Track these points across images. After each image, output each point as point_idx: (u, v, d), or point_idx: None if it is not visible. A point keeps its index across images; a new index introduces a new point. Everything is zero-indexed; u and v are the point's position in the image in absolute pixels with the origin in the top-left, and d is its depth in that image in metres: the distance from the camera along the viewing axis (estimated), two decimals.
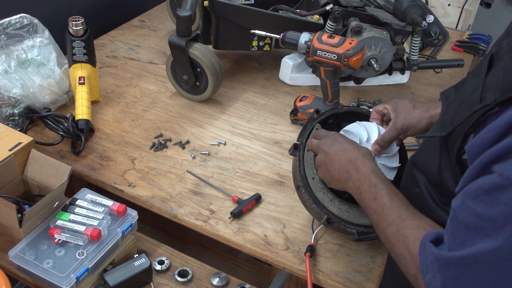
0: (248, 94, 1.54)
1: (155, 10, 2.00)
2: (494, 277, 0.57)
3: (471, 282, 0.59)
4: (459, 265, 0.60)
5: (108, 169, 1.21)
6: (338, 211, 0.97)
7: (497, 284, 0.57)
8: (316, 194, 0.98)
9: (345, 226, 0.96)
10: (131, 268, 0.99)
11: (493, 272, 0.57)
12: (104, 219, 1.00)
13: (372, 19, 1.45)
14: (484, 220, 0.57)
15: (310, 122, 1.06)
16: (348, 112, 1.08)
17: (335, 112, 1.08)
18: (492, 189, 0.56)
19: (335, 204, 0.97)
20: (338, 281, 1.00)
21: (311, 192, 0.98)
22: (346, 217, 0.97)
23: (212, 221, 1.10)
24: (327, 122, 1.09)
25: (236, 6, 1.46)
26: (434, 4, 2.12)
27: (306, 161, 1.01)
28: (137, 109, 1.43)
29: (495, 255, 0.56)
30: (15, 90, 1.27)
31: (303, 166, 1.00)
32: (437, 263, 0.64)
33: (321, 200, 0.98)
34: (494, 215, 0.55)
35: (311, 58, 1.26)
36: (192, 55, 1.37)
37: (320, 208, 0.97)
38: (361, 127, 1.01)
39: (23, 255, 0.95)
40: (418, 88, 1.63)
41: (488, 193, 0.56)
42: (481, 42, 1.87)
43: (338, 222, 0.96)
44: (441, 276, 0.63)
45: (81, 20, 1.31)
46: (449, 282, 0.62)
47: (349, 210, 0.97)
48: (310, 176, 0.99)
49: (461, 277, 0.60)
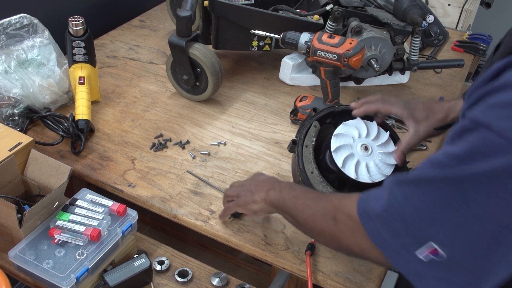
0: (248, 94, 1.54)
1: (155, 10, 2.00)
2: (431, 200, 0.61)
3: (415, 200, 0.63)
4: (408, 183, 0.65)
5: (108, 169, 1.21)
6: None
7: (432, 206, 0.62)
8: (316, 188, 1.01)
9: None
10: (131, 268, 0.99)
11: (432, 196, 0.61)
12: (104, 219, 1.00)
13: (372, 19, 1.45)
14: (447, 157, 0.61)
15: (308, 120, 1.09)
16: (345, 111, 1.09)
17: (332, 111, 1.10)
18: (462, 132, 0.60)
19: None
20: (338, 281, 0.99)
21: (310, 186, 1.01)
22: None
23: (212, 221, 1.10)
24: (325, 122, 1.10)
25: (236, 6, 1.46)
26: (434, 4, 2.12)
27: (305, 156, 1.04)
28: (137, 109, 1.43)
29: (442, 182, 0.60)
30: (15, 90, 1.27)
31: (301, 161, 1.04)
32: (390, 185, 0.68)
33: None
34: (457, 152, 0.59)
35: (311, 58, 1.26)
36: (192, 55, 1.37)
37: None
38: (350, 127, 1.04)
39: (23, 255, 0.95)
40: (418, 88, 1.63)
41: (459, 136, 0.60)
42: (481, 42, 1.87)
43: None
44: (388, 195, 0.67)
45: (81, 20, 1.31)
46: (393, 200, 0.66)
47: None
48: (309, 170, 1.02)
49: (408, 196, 0.64)
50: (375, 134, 1.04)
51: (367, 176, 0.99)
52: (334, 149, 1.01)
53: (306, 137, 1.06)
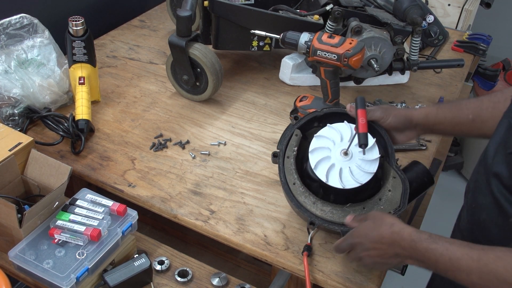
0: (248, 94, 1.54)
1: (155, 10, 2.00)
2: None
3: None
4: None
5: (108, 169, 1.21)
6: (321, 212, 0.99)
7: None
8: (298, 199, 1.01)
9: (330, 227, 0.98)
10: (131, 268, 0.99)
11: None
12: (104, 219, 1.00)
13: (372, 19, 1.45)
14: None
15: (289, 129, 1.08)
16: (329, 114, 1.08)
17: (314, 116, 1.08)
18: None
19: (318, 206, 0.99)
20: (338, 281, 1.00)
21: (293, 197, 1.01)
22: (330, 218, 0.99)
23: (212, 221, 1.10)
24: (312, 126, 1.09)
25: (236, 6, 1.46)
26: (434, 4, 2.11)
27: (287, 168, 1.03)
28: (137, 109, 1.43)
29: None
30: (15, 90, 1.27)
31: (283, 173, 1.03)
32: None
33: (303, 204, 1.00)
34: None
35: (311, 58, 1.26)
36: (192, 55, 1.37)
37: (303, 212, 0.99)
38: (333, 130, 1.03)
39: (23, 255, 0.95)
40: (418, 88, 1.63)
41: None
42: (481, 42, 1.87)
43: (322, 223, 0.98)
44: None
45: (81, 20, 1.31)
46: None
47: (333, 211, 0.99)
48: (291, 182, 1.02)
49: None
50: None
51: (338, 181, 0.97)
52: (311, 150, 1.01)
53: (287, 148, 1.05)
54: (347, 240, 0.93)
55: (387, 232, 0.86)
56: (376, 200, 1.00)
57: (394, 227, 0.86)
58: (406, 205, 0.99)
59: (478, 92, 2.77)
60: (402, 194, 1.00)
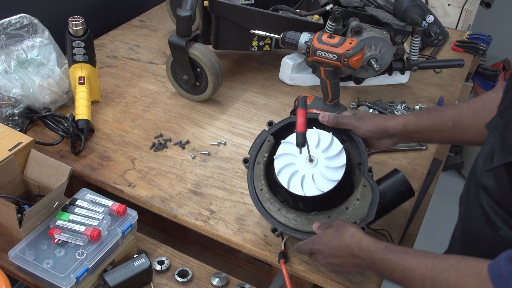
0: (248, 94, 1.54)
1: (155, 10, 2.00)
2: None
3: None
4: None
5: (108, 169, 1.21)
6: (285, 219, 0.97)
7: None
8: (264, 205, 1.00)
9: (292, 235, 0.97)
10: (131, 268, 0.99)
11: None
12: (104, 219, 1.00)
13: (372, 19, 1.45)
14: None
15: (262, 135, 1.06)
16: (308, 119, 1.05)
17: (290, 122, 1.06)
18: None
19: (282, 213, 0.98)
20: (338, 281, 0.99)
21: (258, 203, 1.00)
22: (293, 225, 0.97)
23: (212, 221, 1.10)
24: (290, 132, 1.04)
25: (236, 6, 1.46)
26: (434, 4, 2.12)
27: (255, 173, 1.02)
28: (137, 109, 1.43)
29: None
30: (15, 90, 1.27)
31: (251, 179, 1.02)
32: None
33: (268, 210, 0.99)
34: None
35: (311, 58, 1.26)
36: (192, 55, 1.37)
37: (266, 218, 0.98)
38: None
39: (23, 255, 0.96)
40: (418, 88, 1.63)
41: None
42: (481, 42, 1.87)
43: (284, 230, 0.97)
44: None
45: (81, 20, 1.31)
46: None
47: (296, 218, 0.97)
48: (258, 187, 1.01)
49: None
50: (327, 145, 0.98)
51: (300, 188, 0.95)
52: (276, 156, 1.00)
53: (258, 153, 1.04)
54: (308, 245, 0.93)
55: (346, 242, 0.87)
56: (343, 209, 0.96)
57: (354, 238, 0.87)
58: (374, 216, 0.94)
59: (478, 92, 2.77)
60: (370, 204, 0.95)
